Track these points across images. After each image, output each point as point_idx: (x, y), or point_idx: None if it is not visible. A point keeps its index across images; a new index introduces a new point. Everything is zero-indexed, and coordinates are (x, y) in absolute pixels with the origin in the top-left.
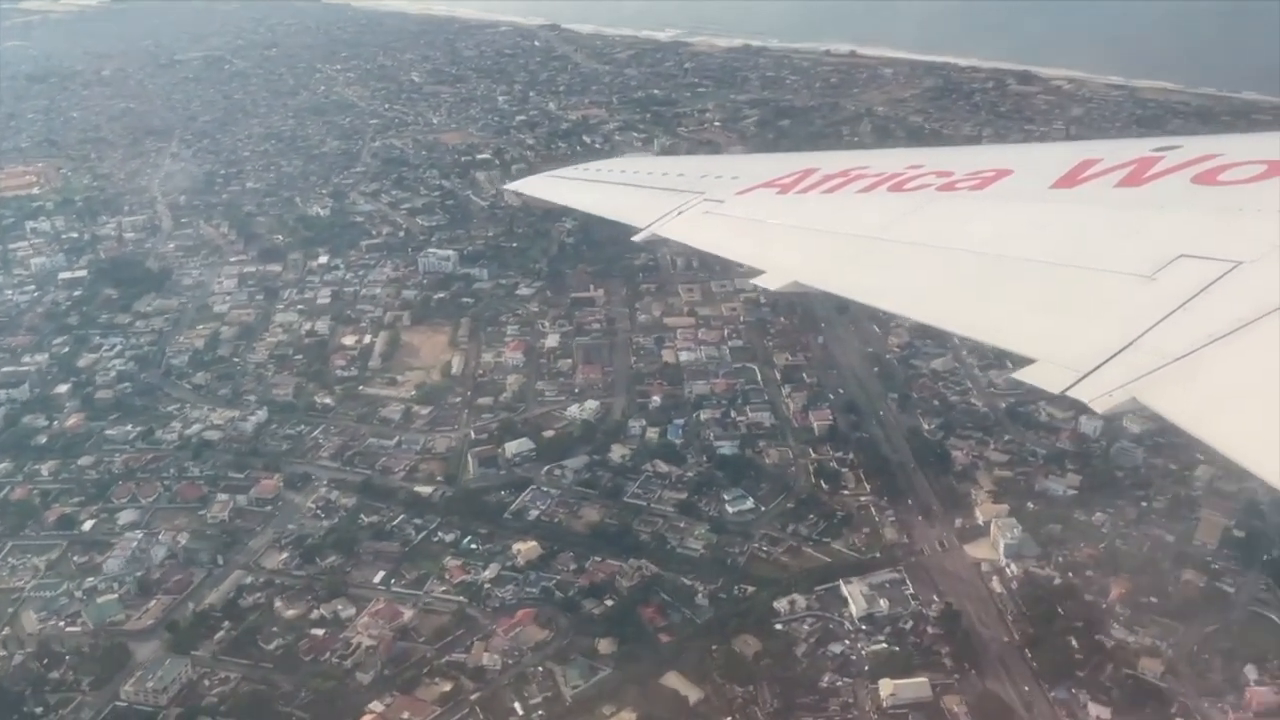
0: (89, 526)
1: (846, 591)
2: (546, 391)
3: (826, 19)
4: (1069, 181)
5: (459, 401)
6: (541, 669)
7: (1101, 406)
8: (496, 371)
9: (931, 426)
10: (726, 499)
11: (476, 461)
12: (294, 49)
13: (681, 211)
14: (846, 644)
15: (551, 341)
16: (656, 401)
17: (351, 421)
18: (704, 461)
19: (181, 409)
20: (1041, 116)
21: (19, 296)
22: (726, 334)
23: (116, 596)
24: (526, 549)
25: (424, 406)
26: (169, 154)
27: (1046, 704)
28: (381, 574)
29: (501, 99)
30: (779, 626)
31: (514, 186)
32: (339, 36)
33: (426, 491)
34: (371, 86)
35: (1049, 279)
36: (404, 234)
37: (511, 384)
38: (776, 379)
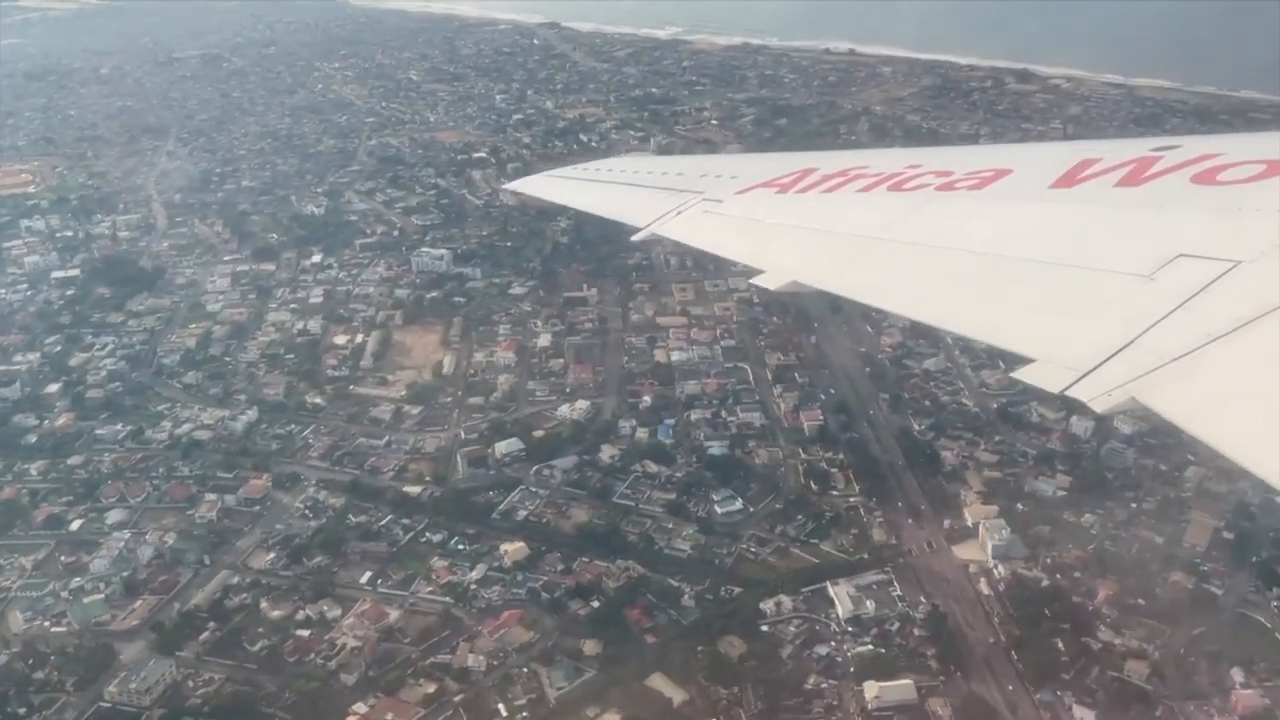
0: (77, 526)
1: (833, 593)
2: (538, 391)
3: (826, 17)
4: (1068, 181)
5: (450, 401)
6: (526, 670)
7: (1101, 406)
8: (488, 371)
9: (922, 427)
10: (715, 499)
11: (466, 461)
12: (292, 47)
13: (680, 211)
14: (832, 646)
15: (544, 341)
16: (647, 401)
17: (341, 421)
18: (694, 462)
19: (172, 408)
20: (1039, 115)
21: (12, 295)
22: (719, 334)
23: (103, 597)
24: (514, 550)
25: (414, 406)
26: (165, 152)
27: (1031, 706)
28: (368, 574)
29: (499, 97)
30: (765, 628)
31: (513, 186)
32: (337, 35)
33: (415, 491)
34: (369, 85)
35: (1048, 279)
36: (398, 233)
37: (503, 384)
38: (768, 379)
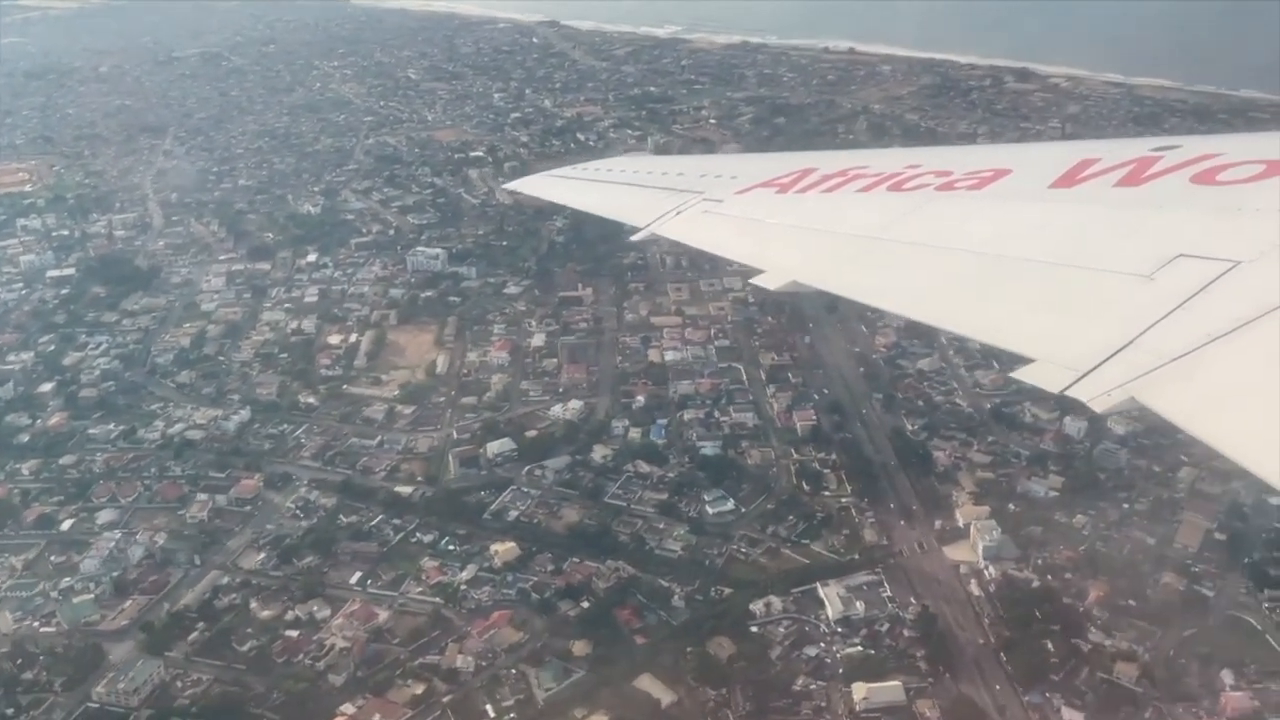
0: (68, 526)
1: (823, 594)
2: (531, 391)
3: (826, 16)
4: (1068, 181)
5: (443, 401)
6: (515, 671)
7: (1100, 406)
8: (482, 371)
9: (915, 427)
10: (707, 500)
11: (458, 462)
12: (292, 46)
13: (680, 211)
14: (822, 647)
15: (538, 341)
16: (640, 401)
17: (334, 421)
18: (686, 462)
19: (165, 408)
20: (1038, 114)
21: (6, 294)
22: (713, 333)
23: (92, 597)
24: (504, 550)
25: (408, 406)
26: (162, 151)
27: (1020, 708)
28: (358, 575)
29: (497, 96)
30: (754, 629)
31: (513, 186)
32: (337, 33)
33: (406, 492)
34: (368, 83)
35: (1048, 279)
36: (394, 232)
37: (496, 383)
38: (762, 379)
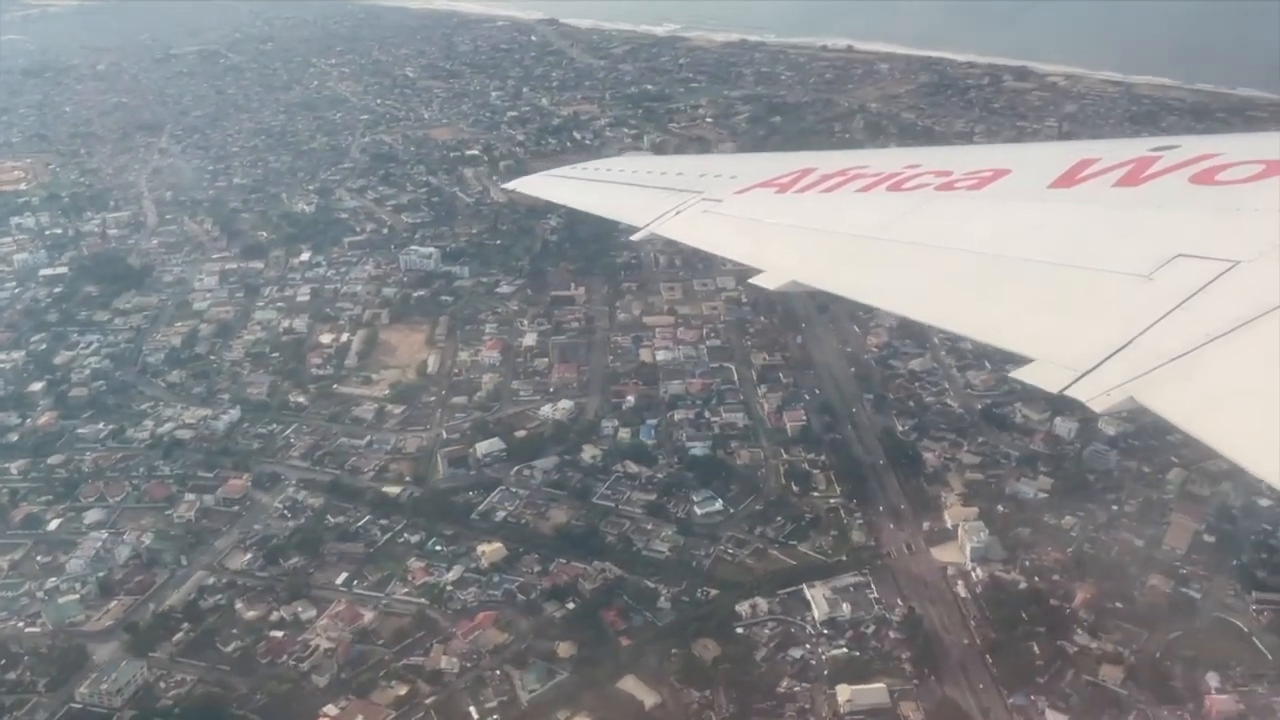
0: (55, 526)
1: (810, 595)
2: (521, 391)
3: (824, 14)
4: (1067, 181)
5: (433, 401)
6: (499, 672)
7: (1099, 406)
8: (473, 370)
9: (905, 428)
10: (695, 500)
11: (446, 462)
12: (290, 43)
13: (679, 211)
14: (807, 648)
15: (529, 340)
16: (631, 401)
17: (324, 421)
18: (675, 463)
19: (155, 407)
20: (1035, 113)
21: None
22: (705, 333)
23: (78, 597)
24: (491, 551)
25: (397, 406)
26: (158, 149)
27: (1005, 711)
28: (344, 575)
29: (494, 94)
30: (740, 630)
31: (511, 185)
32: (336, 31)
33: (394, 492)
34: (365, 82)
35: (1047, 279)
36: (388, 231)
37: (487, 383)
38: (753, 379)
